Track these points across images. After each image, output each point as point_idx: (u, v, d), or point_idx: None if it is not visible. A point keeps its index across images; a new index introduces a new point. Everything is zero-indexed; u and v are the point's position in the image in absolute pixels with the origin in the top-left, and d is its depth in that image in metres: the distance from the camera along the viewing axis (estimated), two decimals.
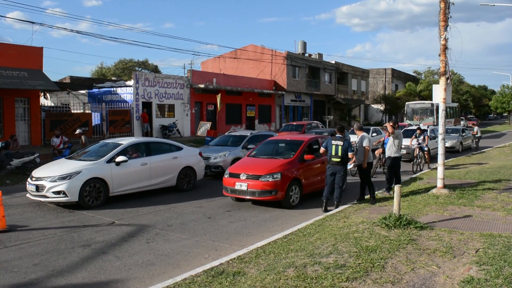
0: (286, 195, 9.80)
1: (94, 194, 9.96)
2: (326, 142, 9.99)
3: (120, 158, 10.44)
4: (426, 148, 16.60)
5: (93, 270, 6.05)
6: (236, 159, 13.84)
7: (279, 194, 9.68)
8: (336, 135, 9.79)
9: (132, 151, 11.20)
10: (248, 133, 16.75)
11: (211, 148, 15.82)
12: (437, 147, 12.01)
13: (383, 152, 13.51)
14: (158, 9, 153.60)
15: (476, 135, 26.01)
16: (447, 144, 21.76)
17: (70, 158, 11.32)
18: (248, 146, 15.20)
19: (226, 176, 10.34)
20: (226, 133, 18.35)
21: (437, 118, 32.30)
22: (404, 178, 12.84)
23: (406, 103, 36.30)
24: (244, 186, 9.80)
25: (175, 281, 5.30)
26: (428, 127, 21.96)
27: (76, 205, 9.72)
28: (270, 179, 9.61)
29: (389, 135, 11.22)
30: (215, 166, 14.58)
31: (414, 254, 5.89)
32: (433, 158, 17.25)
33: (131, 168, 10.76)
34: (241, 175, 9.94)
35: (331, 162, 9.68)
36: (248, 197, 9.94)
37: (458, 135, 24.76)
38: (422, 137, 16.38)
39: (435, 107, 32.09)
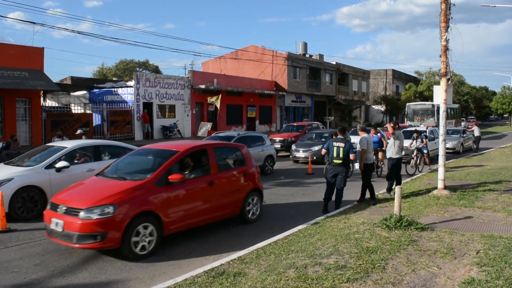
0: (125, 240, 6.28)
1: (28, 204, 8.78)
2: (328, 143, 9.98)
3: (60, 164, 9.20)
4: (425, 150, 16.57)
5: (94, 270, 6.05)
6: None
7: (110, 240, 6.20)
8: (338, 137, 9.79)
9: (80, 156, 10.12)
10: (235, 134, 15.89)
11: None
12: (436, 148, 11.98)
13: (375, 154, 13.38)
14: (159, 10, 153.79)
15: (475, 136, 25.74)
16: (448, 145, 21.27)
17: (8, 163, 10.06)
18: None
19: (47, 207, 7.03)
20: (213, 134, 17.59)
21: (438, 119, 32.42)
22: (405, 179, 12.83)
23: (407, 104, 36.21)
24: (59, 226, 6.37)
25: (176, 282, 5.30)
26: (427, 128, 21.90)
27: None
28: (95, 216, 6.16)
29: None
30: None
31: (415, 255, 5.89)
32: (433, 160, 17.27)
33: (74, 175, 9.22)
34: (59, 207, 6.58)
35: (332, 164, 9.69)
36: (65, 243, 6.46)
37: (458, 136, 24.65)
38: (419, 139, 16.20)
39: (435, 108, 32.00)
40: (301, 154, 18.08)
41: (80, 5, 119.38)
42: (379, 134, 14.09)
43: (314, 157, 17.18)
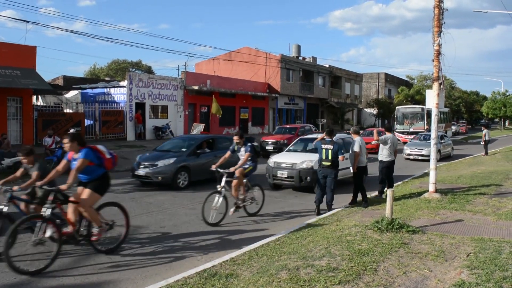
0: None
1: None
2: (316, 145, 10.08)
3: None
4: None
5: (85, 270, 6.01)
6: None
7: None
8: (326, 139, 9.84)
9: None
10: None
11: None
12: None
13: None
14: (154, 10, 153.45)
15: (485, 140, 24.26)
16: (423, 152, 20.80)
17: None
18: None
19: None
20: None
21: (428, 123, 32.42)
22: (396, 182, 12.91)
23: (396, 107, 36.14)
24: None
25: (168, 283, 5.29)
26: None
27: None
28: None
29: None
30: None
31: (406, 258, 5.93)
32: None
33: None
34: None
35: (321, 166, 9.73)
36: None
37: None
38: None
39: (425, 112, 32.02)
40: (140, 172, 12.71)
41: (74, 4, 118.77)
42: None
43: (159, 177, 12.38)
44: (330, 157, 9.56)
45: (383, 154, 11.10)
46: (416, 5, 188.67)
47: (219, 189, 8.56)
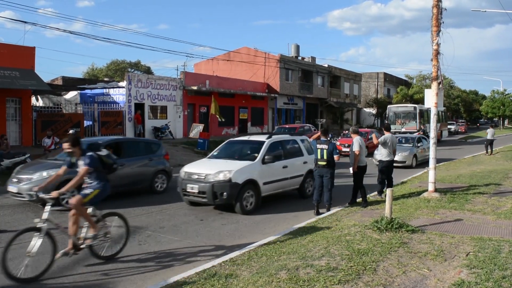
0: None
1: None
2: (311, 144, 10.07)
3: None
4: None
5: (84, 271, 6.01)
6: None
7: None
8: (321, 139, 9.84)
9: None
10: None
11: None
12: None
13: None
14: (153, 11, 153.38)
15: (488, 139, 23.90)
16: (397, 158, 15.72)
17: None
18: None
19: None
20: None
21: (420, 122, 30.51)
22: (396, 181, 12.90)
23: (388, 106, 34.22)
24: None
25: (167, 283, 5.29)
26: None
27: None
28: None
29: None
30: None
31: (406, 257, 5.93)
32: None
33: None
34: None
35: (317, 165, 9.74)
36: None
37: (412, 146, 19.79)
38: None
39: (418, 111, 30.67)
40: (11, 187, 9.95)
41: (72, 5, 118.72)
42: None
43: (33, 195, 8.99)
44: (325, 157, 9.57)
45: (383, 153, 11.08)
46: (414, 5, 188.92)
47: (39, 225, 5.74)
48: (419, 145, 19.95)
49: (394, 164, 11.42)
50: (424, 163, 18.51)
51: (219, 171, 9.45)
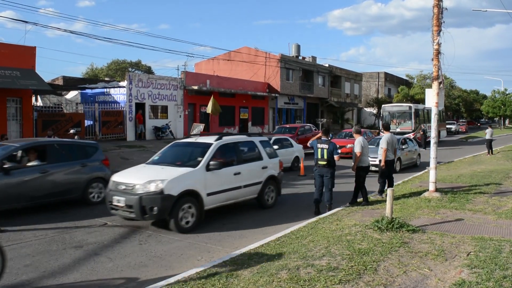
0: None
1: None
2: (312, 144, 10.03)
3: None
4: None
5: (85, 271, 6.01)
6: None
7: None
8: (322, 138, 9.83)
9: None
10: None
11: None
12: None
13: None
14: (154, 10, 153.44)
15: (487, 139, 23.81)
16: (376, 162, 12.56)
17: None
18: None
19: None
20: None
21: (415, 122, 29.74)
22: (396, 181, 12.89)
23: (382, 105, 33.36)
24: None
25: (168, 282, 5.29)
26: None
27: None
28: None
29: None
30: None
31: (406, 257, 5.92)
32: None
33: None
34: None
35: (318, 165, 9.72)
36: None
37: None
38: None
39: (413, 111, 30.00)
40: None
41: (73, 4, 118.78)
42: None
43: None
44: (325, 157, 9.56)
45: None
46: (415, 4, 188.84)
47: None
48: (403, 147, 18.07)
49: (374, 169, 11.04)
50: (408, 168, 17.83)
51: (150, 180, 7.85)
